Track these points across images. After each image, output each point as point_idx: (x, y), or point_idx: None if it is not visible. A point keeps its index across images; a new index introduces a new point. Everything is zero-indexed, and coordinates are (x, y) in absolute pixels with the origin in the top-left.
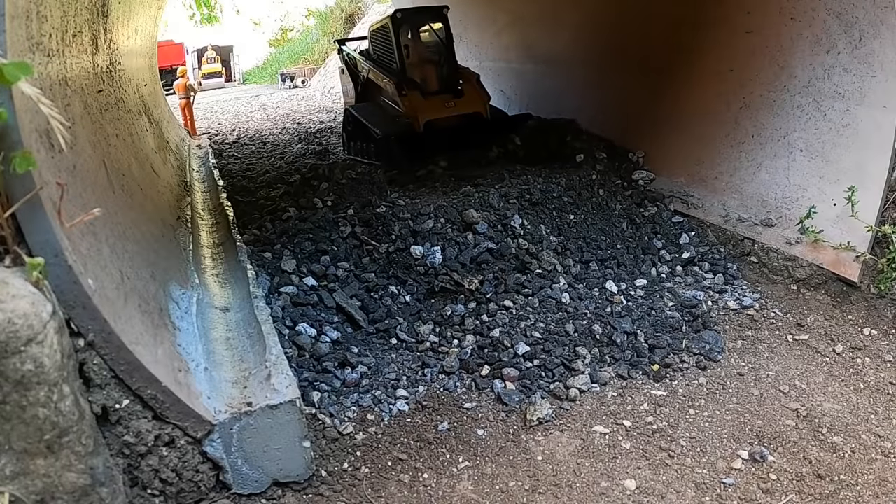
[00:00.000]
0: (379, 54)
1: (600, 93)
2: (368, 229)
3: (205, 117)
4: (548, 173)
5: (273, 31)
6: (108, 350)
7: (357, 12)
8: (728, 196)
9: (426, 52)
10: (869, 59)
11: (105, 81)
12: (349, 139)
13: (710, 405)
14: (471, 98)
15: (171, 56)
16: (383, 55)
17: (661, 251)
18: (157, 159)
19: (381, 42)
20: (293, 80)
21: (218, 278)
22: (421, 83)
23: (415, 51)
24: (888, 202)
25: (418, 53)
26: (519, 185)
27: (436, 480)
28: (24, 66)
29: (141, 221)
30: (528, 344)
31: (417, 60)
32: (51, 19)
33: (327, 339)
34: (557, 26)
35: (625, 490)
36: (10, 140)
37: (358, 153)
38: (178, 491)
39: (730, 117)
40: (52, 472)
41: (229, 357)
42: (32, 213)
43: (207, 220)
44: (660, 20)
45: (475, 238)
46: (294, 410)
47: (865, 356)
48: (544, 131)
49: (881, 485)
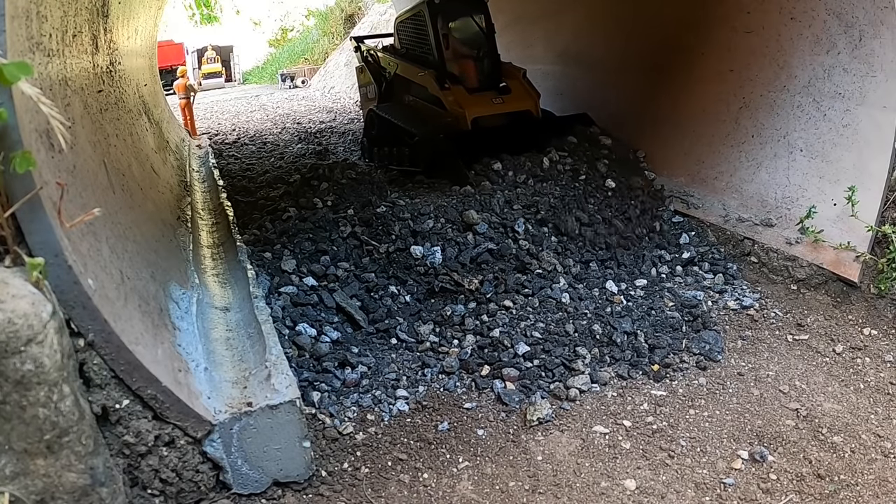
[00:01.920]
0: (409, 48)
1: (600, 92)
2: (368, 229)
3: (205, 117)
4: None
5: (273, 31)
6: (108, 350)
7: (357, 12)
8: (728, 196)
9: (464, 44)
10: (869, 59)
11: (105, 81)
12: (373, 144)
13: (710, 405)
14: (519, 95)
15: (171, 56)
16: (415, 48)
17: (661, 251)
18: (157, 159)
19: (411, 34)
20: (293, 80)
21: (218, 278)
22: (459, 78)
23: (451, 43)
24: (888, 202)
25: (455, 46)
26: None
27: (436, 480)
28: (24, 66)
29: (141, 221)
30: (528, 344)
31: (453, 54)
32: (51, 19)
33: (327, 339)
34: (557, 27)
35: (625, 490)
36: (10, 140)
37: (385, 159)
38: (178, 491)
39: (730, 117)
40: (52, 472)
41: (229, 357)
42: (32, 213)
43: (207, 220)
44: (660, 20)
45: (475, 238)
46: (294, 410)
47: (865, 356)
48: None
49: (881, 485)
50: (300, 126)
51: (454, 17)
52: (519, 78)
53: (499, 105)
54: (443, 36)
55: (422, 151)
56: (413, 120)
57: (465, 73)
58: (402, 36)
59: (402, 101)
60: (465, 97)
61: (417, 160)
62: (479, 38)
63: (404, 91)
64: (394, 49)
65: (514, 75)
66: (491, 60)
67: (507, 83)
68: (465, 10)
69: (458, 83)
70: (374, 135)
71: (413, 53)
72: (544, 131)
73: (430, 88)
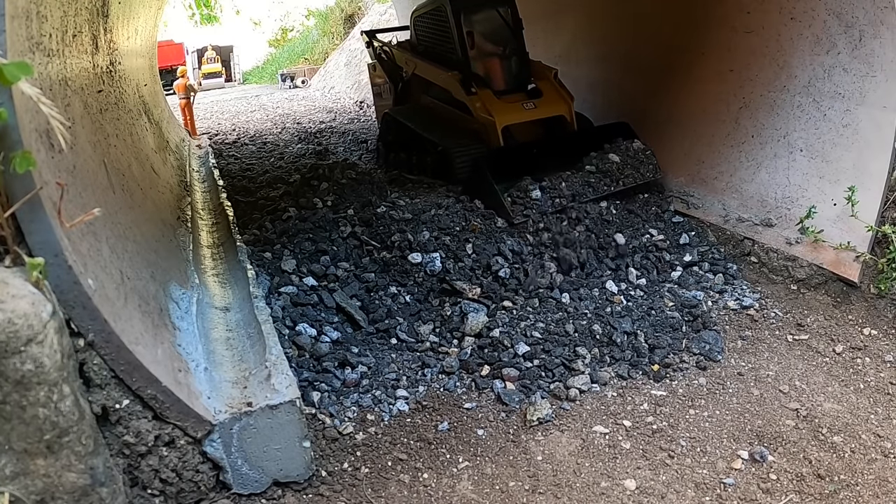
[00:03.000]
0: (427, 44)
1: (600, 93)
2: (368, 229)
3: (205, 117)
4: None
5: (273, 31)
6: (108, 350)
7: (357, 12)
8: (728, 196)
9: (489, 41)
10: (869, 59)
11: (105, 81)
12: (389, 150)
13: (710, 405)
14: (552, 98)
15: (171, 56)
16: (435, 45)
17: (661, 251)
18: (157, 159)
19: (430, 29)
20: (293, 80)
21: (218, 278)
22: (484, 80)
23: (475, 40)
24: (888, 202)
25: (479, 44)
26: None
27: (436, 480)
28: (24, 66)
29: (141, 221)
30: (528, 344)
31: (478, 53)
32: (51, 19)
33: (327, 339)
34: (557, 28)
35: (625, 490)
36: (10, 140)
37: (403, 166)
38: (178, 491)
39: (730, 117)
40: (52, 472)
41: (229, 357)
42: (32, 213)
43: (207, 220)
44: (660, 20)
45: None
46: (294, 410)
47: (865, 356)
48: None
49: (881, 485)
50: (300, 126)
51: (478, 10)
52: (550, 78)
53: (530, 111)
54: (466, 33)
55: (447, 165)
56: (435, 127)
57: (491, 74)
58: (419, 31)
59: (419, 102)
60: (493, 102)
61: (441, 171)
62: (505, 34)
63: (422, 91)
64: (410, 45)
65: (544, 76)
66: (519, 59)
67: (538, 85)
68: (489, 3)
69: (483, 85)
70: (391, 140)
71: (432, 51)
72: (582, 143)
73: (455, 92)
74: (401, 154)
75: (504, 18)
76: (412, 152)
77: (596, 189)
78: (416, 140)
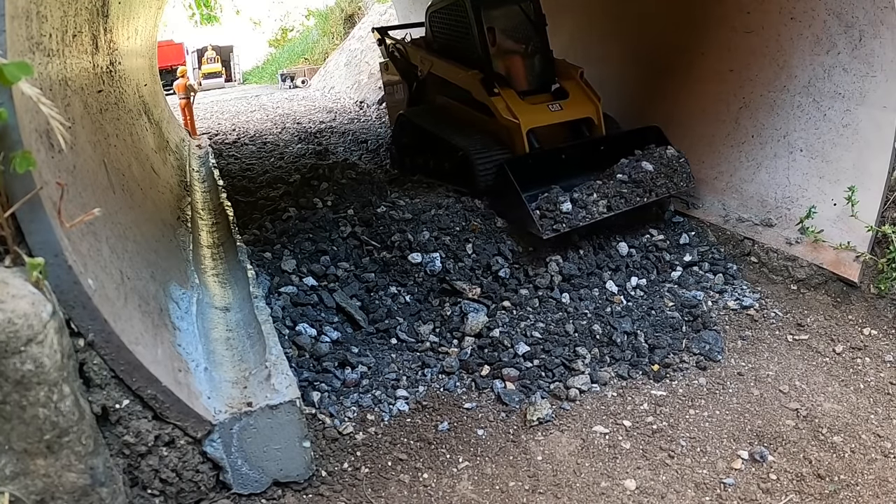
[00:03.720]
0: (444, 42)
1: (600, 93)
2: (368, 229)
3: (205, 117)
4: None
5: (273, 31)
6: (108, 350)
7: (357, 12)
8: (728, 196)
9: (510, 38)
10: (869, 59)
11: (105, 81)
12: (404, 154)
13: (710, 405)
14: (578, 99)
15: (171, 56)
16: (452, 42)
17: (661, 251)
18: (157, 159)
19: (448, 26)
20: (293, 80)
21: (218, 278)
22: (506, 79)
23: (496, 37)
24: (888, 202)
25: (500, 41)
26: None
27: (436, 480)
28: (24, 66)
29: (141, 221)
30: (528, 344)
31: (499, 50)
32: (51, 19)
33: (327, 339)
34: (556, 28)
35: (625, 490)
36: (10, 140)
37: (420, 170)
38: (178, 491)
39: (730, 117)
40: (52, 472)
41: (229, 357)
42: (32, 213)
43: (207, 220)
44: (659, 20)
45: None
46: (294, 410)
47: (865, 356)
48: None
49: (881, 485)
50: (300, 126)
51: (499, 5)
52: (576, 78)
53: (556, 113)
54: (487, 29)
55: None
56: (454, 130)
57: (513, 73)
58: (435, 28)
59: (434, 102)
60: (517, 103)
61: (461, 178)
62: (528, 31)
63: (438, 91)
64: (425, 42)
65: (570, 75)
66: (543, 57)
67: (563, 84)
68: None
69: (505, 85)
70: (406, 143)
71: (450, 48)
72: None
73: (476, 93)
74: (418, 158)
75: (526, 14)
76: (429, 155)
77: (629, 200)
78: (434, 143)
